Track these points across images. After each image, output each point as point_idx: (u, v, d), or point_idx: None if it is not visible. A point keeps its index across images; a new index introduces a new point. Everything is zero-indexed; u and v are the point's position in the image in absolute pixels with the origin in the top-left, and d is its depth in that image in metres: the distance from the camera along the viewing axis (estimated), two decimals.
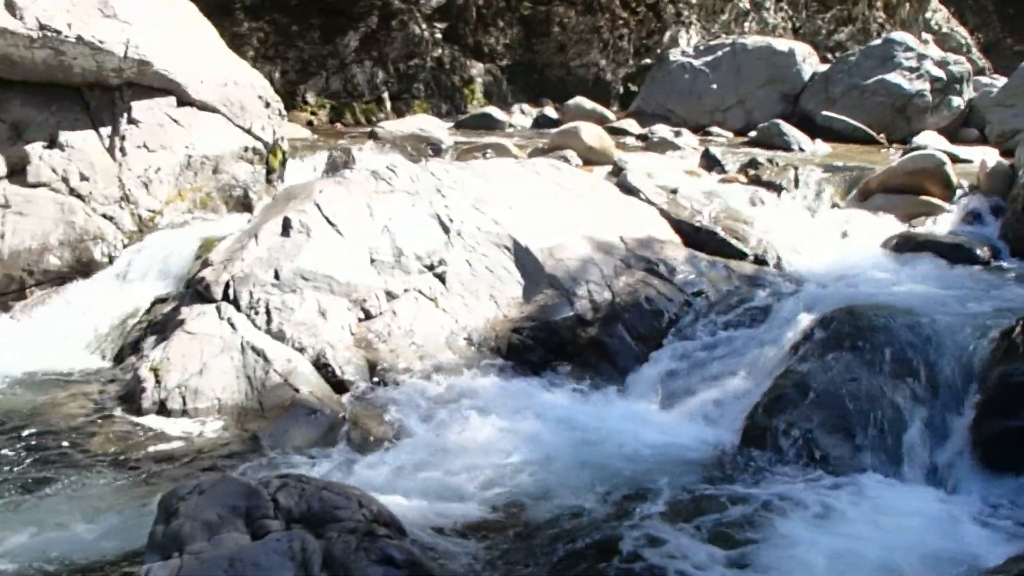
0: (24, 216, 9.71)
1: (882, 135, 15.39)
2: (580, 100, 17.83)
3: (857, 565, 5.08)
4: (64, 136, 10.14)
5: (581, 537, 5.42)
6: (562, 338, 8.26)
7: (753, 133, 15.25)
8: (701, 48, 18.65)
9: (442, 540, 5.33)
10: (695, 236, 9.75)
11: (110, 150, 10.33)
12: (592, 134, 12.89)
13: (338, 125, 17.01)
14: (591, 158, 12.48)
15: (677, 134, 15.18)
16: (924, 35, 23.18)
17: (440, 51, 19.14)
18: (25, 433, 6.76)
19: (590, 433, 6.91)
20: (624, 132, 15.87)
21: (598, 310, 8.43)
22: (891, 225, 10.28)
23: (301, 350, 7.62)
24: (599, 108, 17.60)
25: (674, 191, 10.61)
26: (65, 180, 9.97)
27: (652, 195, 10.42)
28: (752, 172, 11.71)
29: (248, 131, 11.34)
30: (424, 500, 5.82)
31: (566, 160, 11.94)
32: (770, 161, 11.97)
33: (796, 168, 11.65)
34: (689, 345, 8.06)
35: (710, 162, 12.39)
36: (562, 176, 10.31)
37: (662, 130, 15.49)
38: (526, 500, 5.90)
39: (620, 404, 7.55)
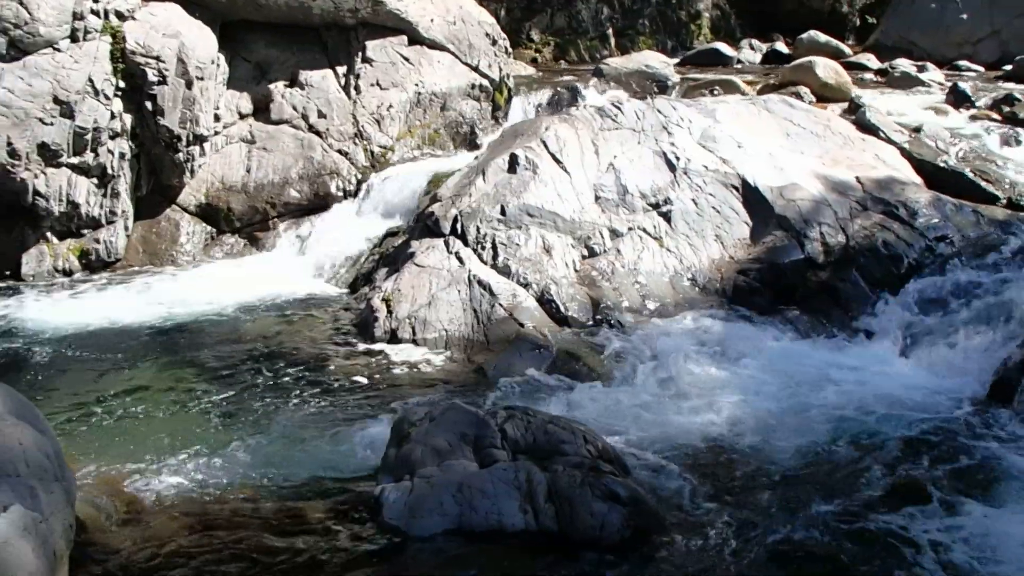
0: (268, 151, 10.27)
1: None
2: (814, 34, 16.94)
3: None
4: (304, 75, 10.61)
5: (803, 483, 5.25)
6: (791, 281, 7.96)
7: (1009, 66, 14.03)
8: None
9: (661, 478, 5.27)
10: (939, 177, 9.10)
11: (345, 88, 10.72)
12: (827, 69, 12.24)
13: (562, 62, 16.96)
14: (825, 94, 11.87)
15: (921, 68, 14.20)
16: None
17: None
18: (270, 356, 7.21)
19: (819, 379, 6.64)
20: (861, 67, 14.99)
21: (831, 253, 8.06)
22: None
23: (526, 285, 7.71)
24: (834, 42, 16.66)
25: (917, 129, 9.95)
26: (304, 117, 10.45)
27: (892, 133, 9.81)
28: (1007, 109, 10.80)
29: (475, 68, 11.48)
30: (644, 438, 5.78)
31: (799, 97, 11.40)
32: None
33: None
34: (931, 292, 7.57)
35: (958, 98, 11.51)
36: (795, 113, 9.86)
37: (904, 64, 14.53)
38: (748, 444, 5.74)
39: (853, 350, 7.22)
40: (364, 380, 6.78)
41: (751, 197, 8.58)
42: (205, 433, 5.85)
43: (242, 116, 10.33)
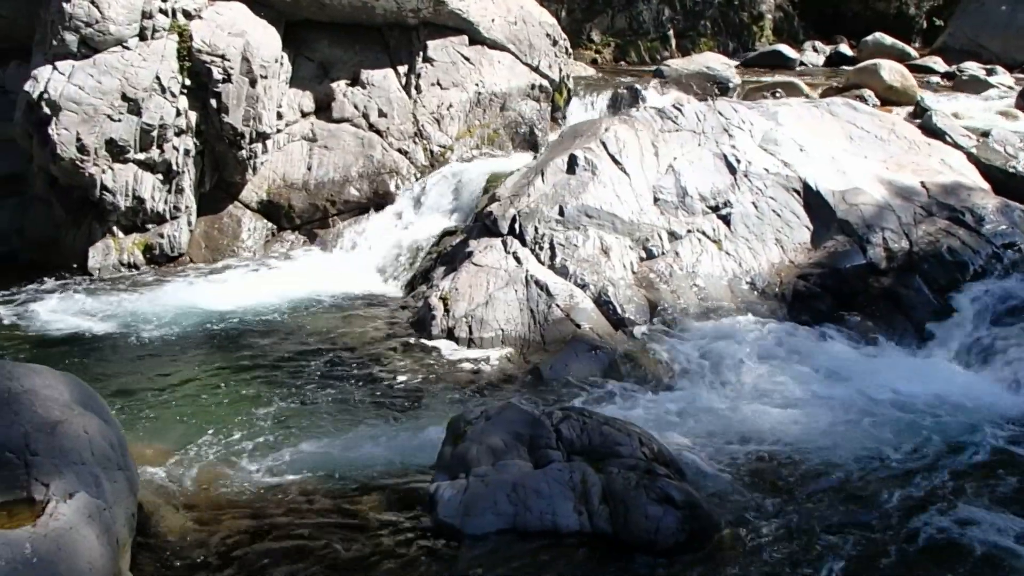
0: (328, 150, 10.37)
1: None
2: (879, 36, 16.69)
3: None
4: (365, 74, 10.70)
5: (861, 490, 5.18)
6: (852, 287, 7.84)
7: None
8: None
9: (717, 482, 5.23)
10: (1008, 183, 8.91)
11: (406, 87, 10.80)
12: (892, 72, 12.08)
13: (622, 63, 16.89)
14: (890, 98, 11.72)
15: (989, 72, 13.93)
16: None
17: None
18: (327, 352, 7.29)
19: (879, 388, 6.54)
20: (928, 70, 14.75)
21: (893, 259, 7.92)
22: None
23: (583, 286, 7.69)
24: (899, 44, 16.40)
25: (985, 134, 9.74)
26: (365, 116, 10.55)
27: (959, 138, 9.62)
28: None
29: (535, 69, 11.49)
30: (700, 441, 5.74)
31: (863, 100, 11.27)
32: None
33: None
34: (997, 301, 7.40)
35: None
36: (859, 117, 9.71)
37: (972, 68, 14.26)
38: (805, 449, 5.66)
39: (915, 359, 7.10)
40: (420, 378, 6.82)
41: (812, 201, 8.47)
42: (263, 427, 5.93)
43: (304, 114, 10.44)
